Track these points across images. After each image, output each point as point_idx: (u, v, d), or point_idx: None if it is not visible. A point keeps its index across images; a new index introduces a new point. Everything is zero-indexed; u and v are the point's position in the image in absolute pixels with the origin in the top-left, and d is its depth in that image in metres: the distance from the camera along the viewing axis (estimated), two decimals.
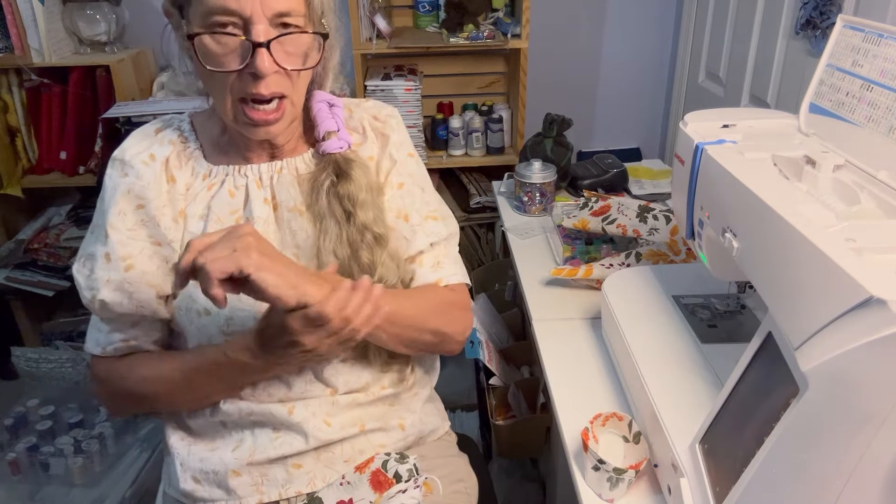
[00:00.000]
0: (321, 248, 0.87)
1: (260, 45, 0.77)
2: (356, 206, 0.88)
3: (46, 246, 2.05)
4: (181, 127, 0.93)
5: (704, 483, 0.67)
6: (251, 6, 0.76)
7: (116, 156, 0.90)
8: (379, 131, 0.96)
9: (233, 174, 0.90)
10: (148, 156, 0.88)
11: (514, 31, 1.98)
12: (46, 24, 1.88)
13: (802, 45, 1.58)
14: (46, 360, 2.06)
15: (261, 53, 0.77)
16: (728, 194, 0.74)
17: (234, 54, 0.78)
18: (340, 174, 0.89)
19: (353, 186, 0.88)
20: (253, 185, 0.89)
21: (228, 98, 0.81)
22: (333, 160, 0.89)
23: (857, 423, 0.52)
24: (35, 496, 1.66)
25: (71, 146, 2.02)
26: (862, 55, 0.72)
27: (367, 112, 0.97)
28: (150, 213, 0.86)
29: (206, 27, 0.78)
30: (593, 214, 1.32)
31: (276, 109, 0.82)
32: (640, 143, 2.54)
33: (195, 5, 0.78)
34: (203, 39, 0.78)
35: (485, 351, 1.33)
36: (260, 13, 0.76)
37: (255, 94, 0.79)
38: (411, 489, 0.86)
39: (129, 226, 0.86)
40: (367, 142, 0.95)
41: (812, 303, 0.56)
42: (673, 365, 0.87)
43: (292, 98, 0.84)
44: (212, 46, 0.78)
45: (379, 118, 0.96)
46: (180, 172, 0.90)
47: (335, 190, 0.88)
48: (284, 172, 0.91)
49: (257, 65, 0.77)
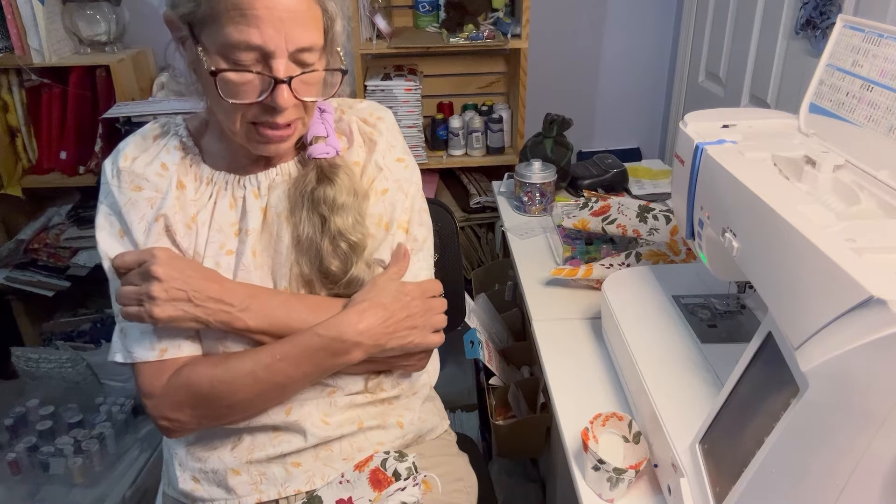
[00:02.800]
0: (291, 254, 0.87)
1: (281, 81, 0.76)
2: (334, 211, 0.86)
3: (46, 246, 2.05)
4: (178, 132, 0.92)
5: (704, 483, 0.67)
6: (275, 43, 0.75)
7: (123, 166, 0.87)
8: (367, 136, 0.94)
9: (232, 183, 0.90)
10: (160, 165, 0.88)
11: (514, 31, 1.98)
12: (46, 24, 1.88)
13: (802, 45, 1.58)
14: (46, 360, 2.06)
15: (281, 89, 0.76)
16: (728, 194, 0.74)
17: (252, 86, 0.77)
18: (322, 179, 0.87)
19: (334, 191, 0.86)
20: (251, 195, 0.89)
21: (239, 122, 0.81)
22: (318, 165, 0.88)
23: (857, 423, 0.52)
24: (35, 496, 1.66)
25: (71, 146, 2.02)
26: (862, 55, 0.72)
27: (357, 114, 0.95)
28: (169, 222, 0.86)
29: (224, 58, 0.76)
30: (593, 214, 1.32)
31: (289, 128, 0.82)
32: (640, 143, 2.54)
33: (212, 34, 0.75)
34: (225, 74, 0.77)
35: (485, 351, 1.33)
36: (283, 48, 0.75)
37: (272, 122, 0.80)
38: (410, 487, 0.86)
39: (154, 239, 0.85)
40: (353, 146, 0.93)
41: (812, 303, 0.56)
42: (673, 365, 0.87)
43: (304, 119, 0.84)
44: (231, 78, 0.77)
45: (368, 122, 0.95)
46: (187, 179, 0.89)
47: (312, 196, 0.87)
48: (278, 179, 0.90)
49: (278, 100, 0.77)
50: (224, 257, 0.88)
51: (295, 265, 0.88)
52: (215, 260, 0.87)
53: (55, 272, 2.03)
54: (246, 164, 0.90)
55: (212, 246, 0.88)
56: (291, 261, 0.88)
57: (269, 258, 0.89)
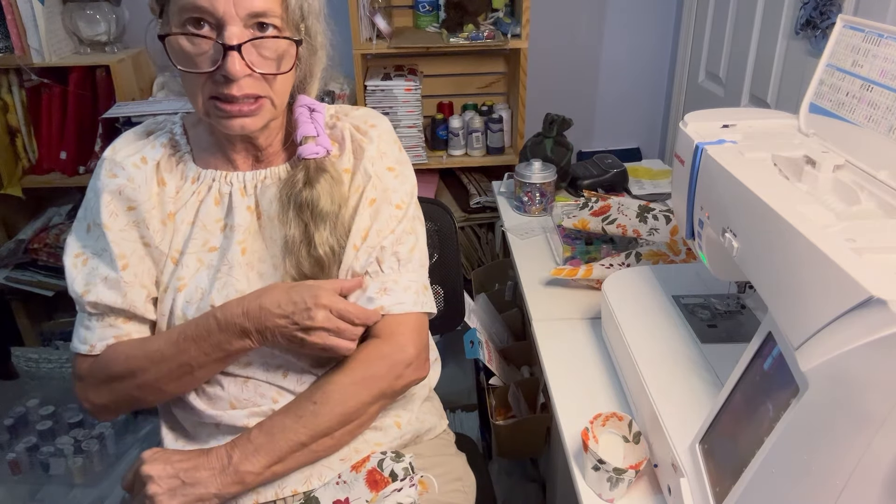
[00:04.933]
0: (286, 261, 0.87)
1: (231, 48, 0.75)
2: (314, 217, 0.86)
3: (46, 246, 2.05)
4: (173, 130, 0.93)
5: (704, 483, 0.67)
6: (224, 6, 0.75)
7: (107, 155, 0.90)
8: (357, 143, 0.92)
9: (219, 180, 0.90)
10: (139, 158, 0.89)
11: (514, 31, 1.98)
12: (46, 24, 1.88)
13: (802, 45, 1.58)
14: (46, 360, 2.06)
15: (232, 56, 0.76)
16: (728, 194, 0.74)
17: (206, 56, 0.77)
18: (307, 181, 0.87)
19: (317, 195, 0.85)
20: (237, 192, 0.89)
21: (200, 97, 0.80)
22: (306, 166, 0.88)
23: (857, 423, 0.52)
24: (35, 496, 1.67)
25: (71, 146, 2.02)
26: (862, 55, 0.72)
27: (352, 122, 0.94)
28: (140, 216, 0.87)
29: (180, 26, 0.77)
30: (593, 214, 1.32)
31: (252, 104, 0.81)
32: (640, 143, 2.54)
33: (172, 3, 0.77)
34: (177, 39, 0.77)
35: (485, 351, 1.33)
36: (233, 14, 0.75)
37: (227, 94, 0.78)
38: (407, 488, 0.86)
39: (121, 226, 0.87)
40: (344, 154, 0.92)
41: (812, 303, 0.56)
42: (673, 365, 0.87)
43: (272, 99, 0.82)
44: (185, 47, 0.77)
45: (361, 129, 0.93)
46: (170, 175, 0.90)
47: (297, 198, 0.86)
48: (268, 181, 0.90)
49: (228, 68, 0.76)
50: (206, 254, 0.89)
51: (285, 267, 0.88)
52: (197, 256, 0.88)
53: (55, 272, 2.04)
54: (234, 159, 0.90)
55: (194, 243, 0.88)
56: (284, 263, 0.88)
57: (262, 262, 0.89)
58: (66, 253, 0.91)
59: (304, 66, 0.88)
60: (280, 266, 0.88)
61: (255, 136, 0.88)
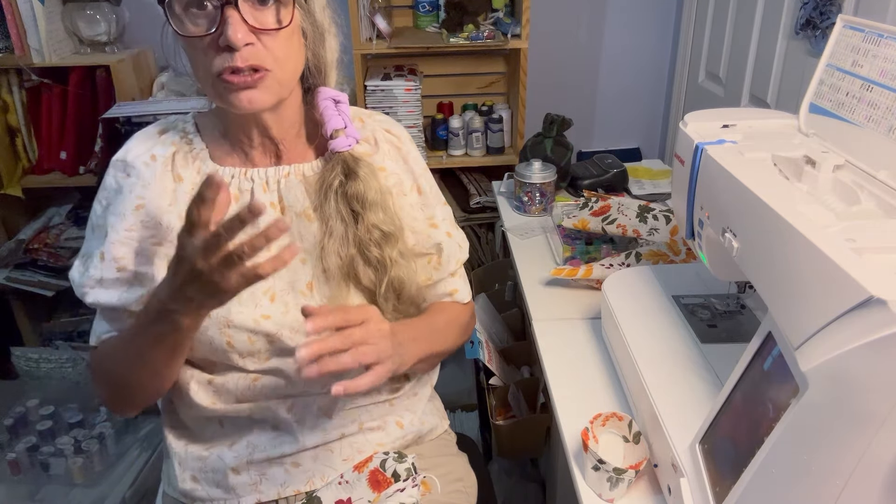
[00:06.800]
0: (325, 249, 0.86)
1: (229, 2, 0.74)
2: (365, 206, 0.86)
3: (46, 246, 2.05)
4: (185, 128, 0.91)
5: (704, 483, 0.67)
6: None
7: (119, 157, 0.89)
8: (393, 144, 0.95)
9: (238, 177, 0.88)
10: (149, 157, 0.87)
11: (514, 31, 1.98)
12: (46, 24, 1.88)
13: (802, 45, 1.58)
14: (46, 360, 2.06)
15: (232, 18, 0.74)
16: (728, 194, 0.74)
17: (206, 15, 0.76)
18: (349, 174, 0.87)
19: (362, 186, 0.87)
20: (259, 188, 0.88)
21: (208, 77, 0.79)
22: (342, 159, 0.87)
23: (857, 423, 0.52)
24: (35, 496, 1.66)
25: (71, 146, 2.02)
26: (862, 55, 0.72)
27: (379, 124, 0.96)
28: (150, 213, 0.85)
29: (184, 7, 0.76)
30: (593, 214, 1.32)
31: (256, 73, 0.78)
32: (640, 143, 2.54)
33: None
34: (175, 8, 0.76)
35: (485, 351, 1.33)
36: None
37: (231, 66, 0.76)
38: (409, 488, 0.86)
39: (126, 226, 0.85)
40: (378, 152, 0.93)
41: (812, 303, 0.56)
42: (673, 365, 0.87)
43: (276, 73, 0.80)
44: (184, 17, 0.76)
45: (392, 132, 0.97)
46: (187, 171, 0.88)
47: (343, 190, 0.87)
48: (291, 177, 0.89)
49: (229, 34, 0.74)
50: None
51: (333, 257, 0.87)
52: None
53: (55, 272, 2.03)
54: (252, 156, 0.89)
55: None
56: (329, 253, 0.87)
57: (298, 260, 0.88)
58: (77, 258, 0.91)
59: (310, 45, 0.86)
60: (309, 261, 0.88)
61: (267, 123, 0.85)
